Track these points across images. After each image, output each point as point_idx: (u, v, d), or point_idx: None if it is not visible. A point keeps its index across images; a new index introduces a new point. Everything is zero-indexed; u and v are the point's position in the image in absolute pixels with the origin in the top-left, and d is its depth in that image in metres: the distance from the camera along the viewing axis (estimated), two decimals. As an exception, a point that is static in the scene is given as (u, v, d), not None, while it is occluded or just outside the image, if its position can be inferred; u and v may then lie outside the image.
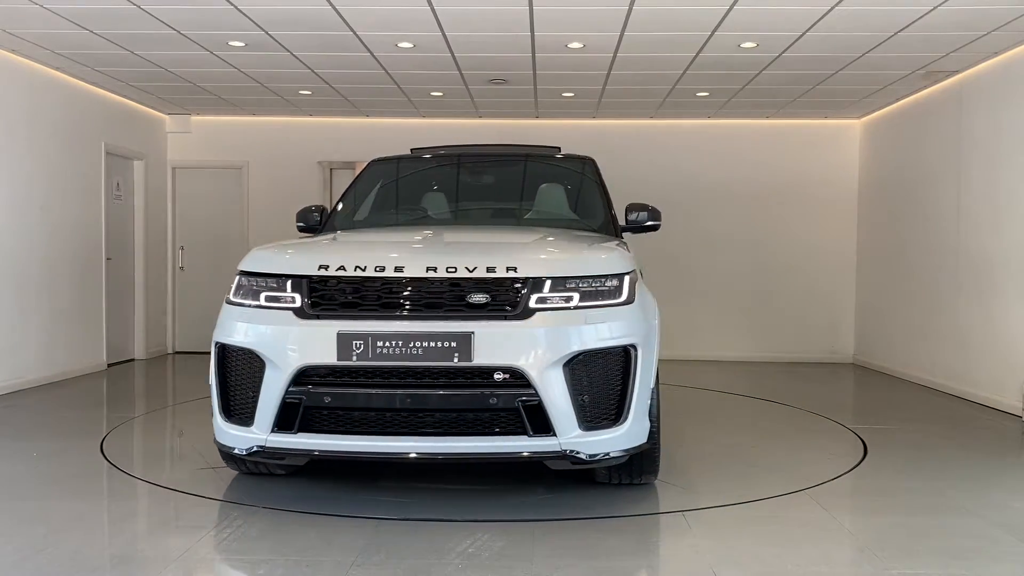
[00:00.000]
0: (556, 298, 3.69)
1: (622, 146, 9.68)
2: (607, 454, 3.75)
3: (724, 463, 5.00)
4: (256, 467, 4.34)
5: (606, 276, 3.81)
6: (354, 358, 3.60)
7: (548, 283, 3.70)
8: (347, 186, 5.86)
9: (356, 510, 3.91)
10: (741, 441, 5.66)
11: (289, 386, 3.65)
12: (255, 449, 3.78)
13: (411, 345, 3.60)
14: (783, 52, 6.82)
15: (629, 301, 3.81)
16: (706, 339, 9.97)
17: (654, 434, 3.99)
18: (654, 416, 3.97)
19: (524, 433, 3.62)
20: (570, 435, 3.64)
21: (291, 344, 3.66)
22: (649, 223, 4.95)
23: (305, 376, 3.66)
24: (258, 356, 3.73)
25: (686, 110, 9.36)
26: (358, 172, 9.91)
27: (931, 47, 6.65)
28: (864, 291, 9.79)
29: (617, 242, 4.44)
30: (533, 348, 3.59)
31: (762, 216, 10.02)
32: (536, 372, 3.58)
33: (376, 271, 3.71)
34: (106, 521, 3.90)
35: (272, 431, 3.71)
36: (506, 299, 3.68)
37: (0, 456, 5.01)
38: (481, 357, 3.58)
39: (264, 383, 3.70)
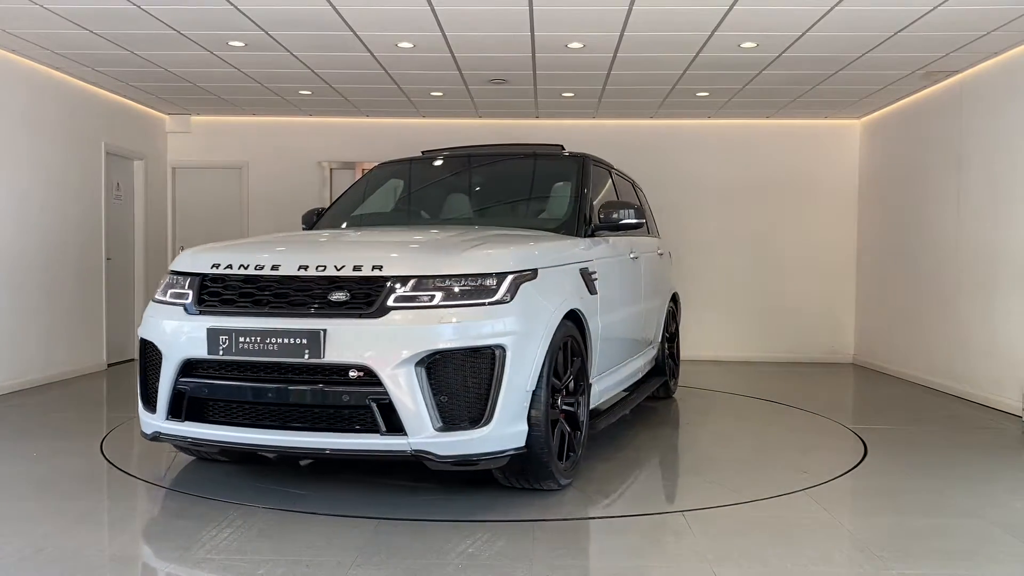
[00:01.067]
0: (417, 297, 3.67)
1: (622, 146, 9.67)
2: (465, 456, 3.67)
3: (724, 463, 5.00)
4: (197, 452, 4.60)
5: (479, 275, 3.75)
6: (220, 352, 3.78)
7: (412, 282, 3.69)
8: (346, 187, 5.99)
9: (356, 510, 3.91)
10: (741, 441, 5.66)
11: (177, 377, 3.90)
12: (154, 434, 4.07)
13: (267, 341, 3.69)
14: (783, 52, 6.82)
15: (503, 301, 3.74)
16: (706, 339, 9.97)
17: (538, 438, 3.87)
18: (540, 420, 3.87)
19: (378, 431, 3.63)
20: (422, 435, 3.61)
21: (177, 338, 3.90)
22: (625, 222, 4.92)
23: (190, 368, 3.89)
24: (157, 348, 4.00)
25: (686, 110, 9.36)
26: (357, 172, 10.06)
27: (931, 47, 6.65)
28: (864, 291, 9.79)
29: (541, 240, 4.35)
30: (383, 346, 3.59)
31: (762, 216, 10.02)
32: (385, 370, 3.57)
33: (255, 270, 3.87)
34: (106, 521, 3.90)
35: (166, 419, 3.97)
36: (365, 297, 3.70)
37: (0, 456, 5.01)
38: (332, 354, 3.62)
39: (160, 374, 3.96)
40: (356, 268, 3.73)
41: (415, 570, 3.19)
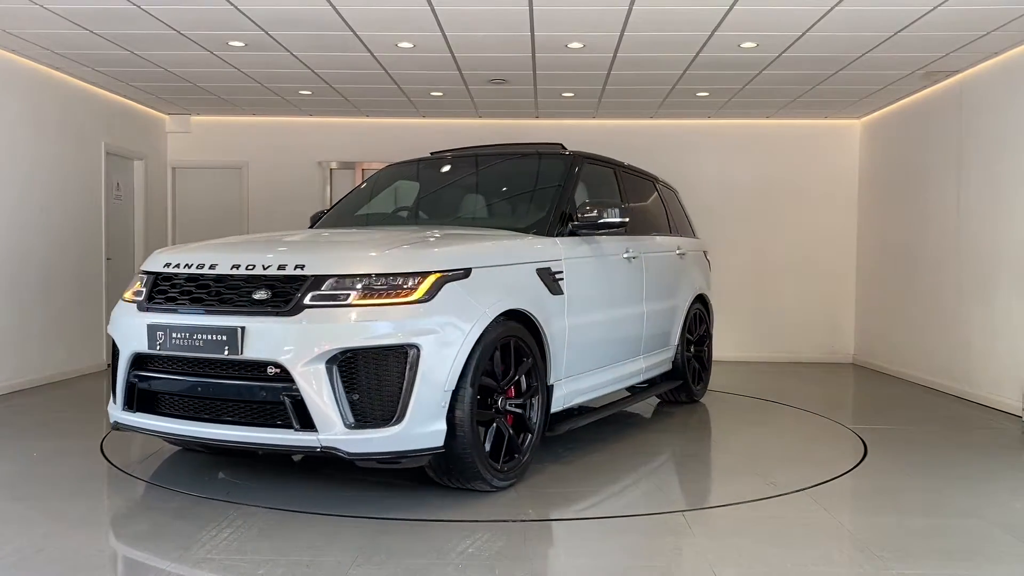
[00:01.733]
0: (334, 295, 3.72)
1: (622, 146, 9.65)
2: (376, 454, 3.71)
3: (724, 463, 5.00)
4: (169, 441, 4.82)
5: (397, 275, 3.78)
6: (158, 347, 3.97)
7: (331, 281, 3.74)
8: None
9: (356, 510, 3.91)
10: (741, 441, 5.66)
11: (129, 370, 4.11)
12: (114, 423, 4.25)
13: (195, 337, 3.85)
14: (783, 52, 6.82)
15: (421, 300, 3.76)
16: (706, 339, 9.96)
17: (462, 438, 3.87)
18: (464, 420, 3.86)
19: (292, 427, 3.71)
20: (331, 432, 3.65)
21: (129, 333, 4.11)
22: (605, 221, 4.86)
23: (141, 362, 4.10)
24: (115, 343, 4.23)
25: (686, 110, 9.36)
26: (357, 172, 10.06)
27: (931, 47, 6.65)
28: (864, 291, 9.79)
29: (485, 240, 4.36)
30: (295, 344, 3.65)
31: (762, 216, 10.03)
32: (296, 368, 3.63)
33: (196, 269, 4.03)
34: (106, 521, 3.90)
35: (123, 409, 4.18)
36: (284, 296, 3.77)
37: (0, 456, 5.01)
38: (250, 351, 3.73)
39: (118, 367, 4.19)
40: (281, 267, 3.82)
41: (415, 570, 3.19)
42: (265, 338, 3.70)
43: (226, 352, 3.75)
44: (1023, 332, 6.55)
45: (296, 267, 3.79)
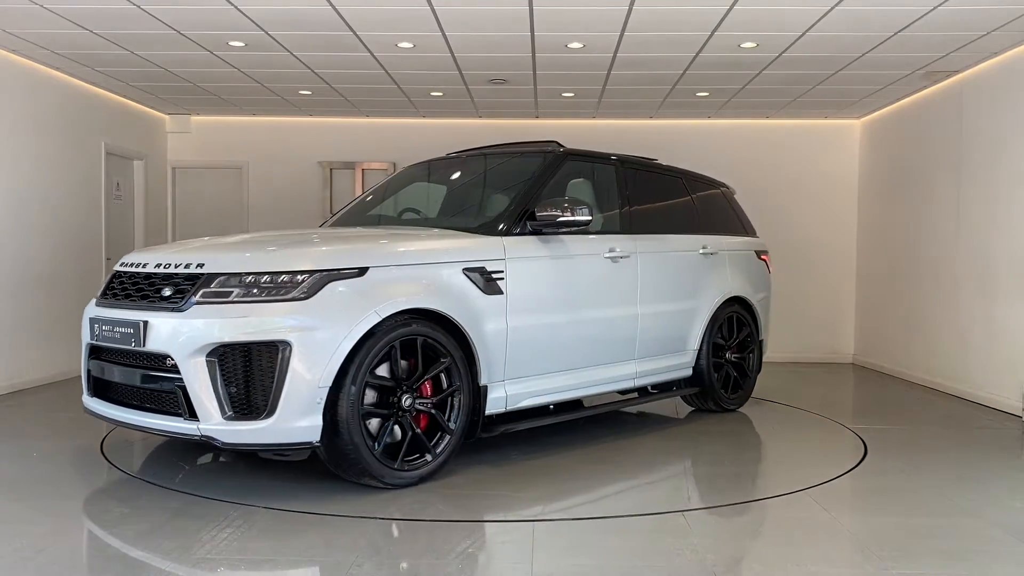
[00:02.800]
0: (220, 292, 3.94)
1: (622, 146, 9.64)
2: (250, 445, 3.92)
3: (724, 463, 5.00)
4: None
5: (280, 273, 3.95)
6: (95, 338, 4.39)
7: (220, 279, 3.97)
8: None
9: (356, 510, 3.91)
10: (740, 441, 5.66)
11: (87, 358, 4.53)
12: (84, 406, 4.59)
13: (114, 330, 4.22)
14: (783, 52, 6.82)
15: (299, 298, 3.89)
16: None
17: (344, 435, 3.95)
18: (346, 417, 3.93)
19: (181, 415, 3.98)
20: (211, 422, 3.87)
21: (85, 325, 4.53)
22: (565, 220, 4.77)
23: (93, 351, 4.50)
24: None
25: (686, 110, 9.36)
26: (357, 172, 10.07)
27: (931, 47, 6.65)
28: (864, 291, 9.80)
29: (398, 240, 4.43)
30: (183, 338, 3.91)
31: (762, 216, 9.99)
32: (181, 360, 3.89)
33: (133, 267, 4.37)
34: (106, 521, 3.90)
35: (87, 395, 4.58)
36: (182, 293, 4.04)
37: (0, 456, 5.01)
38: (151, 344, 4.03)
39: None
40: (186, 266, 4.09)
41: (415, 570, 3.19)
42: (161, 332, 3.98)
43: (133, 344, 4.11)
44: (1023, 332, 6.55)
45: (197, 266, 4.06)
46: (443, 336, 4.31)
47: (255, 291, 3.91)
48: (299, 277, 3.94)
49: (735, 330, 6.46)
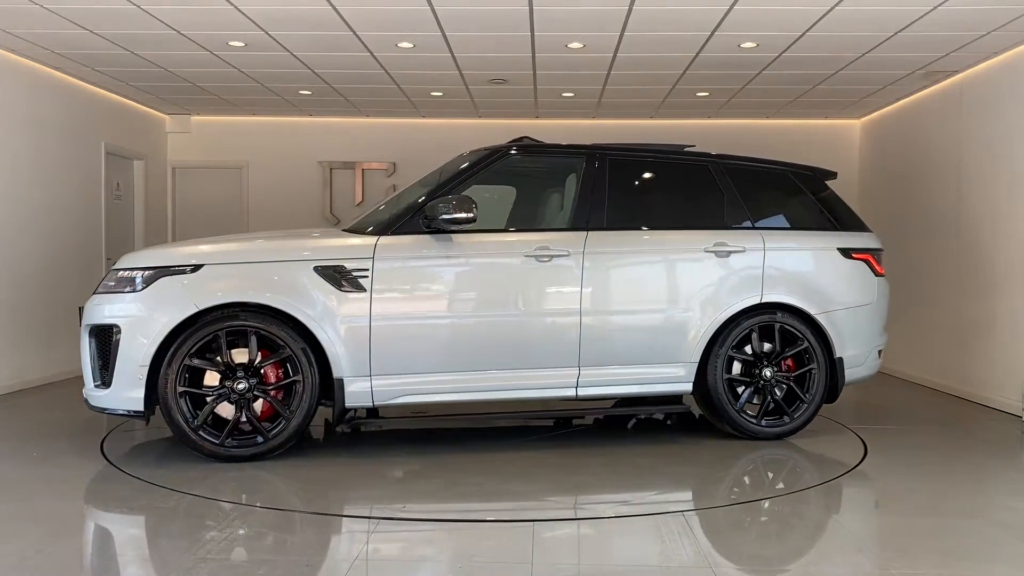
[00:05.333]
0: (111, 284, 4.80)
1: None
2: (102, 409, 4.77)
3: (724, 463, 5.00)
4: None
5: (128, 269, 4.77)
6: None
7: (115, 273, 4.83)
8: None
9: (356, 510, 3.91)
10: (740, 440, 5.65)
11: None
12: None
13: None
14: (783, 52, 6.82)
15: (134, 291, 4.68)
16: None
17: (166, 410, 4.60)
18: (167, 394, 4.59)
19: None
20: (88, 388, 4.81)
21: None
22: (450, 217, 4.80)
23: None
24: None
25: (686, 110, 9.36)
26: (357, 172, 10.06)
27: (931, 47, 6.65)
28: (864, 291, 9.77)
29: (243, 240, 5.13)
30: (85, 319, 4.85)
31: (762, 216, 10.01)
32: (83, 335, 4.84)
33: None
34: (106, 521, 3.90)
35: None
36: (101, 284, 4.95)
37: (0, 456, 5.01)
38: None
39: None
40: (118, 263, 4.91)
41: (415, 570, 3.19)
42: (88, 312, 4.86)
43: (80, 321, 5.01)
44: (1023, 332, 6.55)
45: (117, 263, 4.92)
46: (279, 328, 4.67)
47: (116, 284, 4.75)
48: (137, 274, 4.70)
49: (780, 345, 5.40)
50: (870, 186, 9.65)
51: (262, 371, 4.71)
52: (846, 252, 5.59)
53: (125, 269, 4.77)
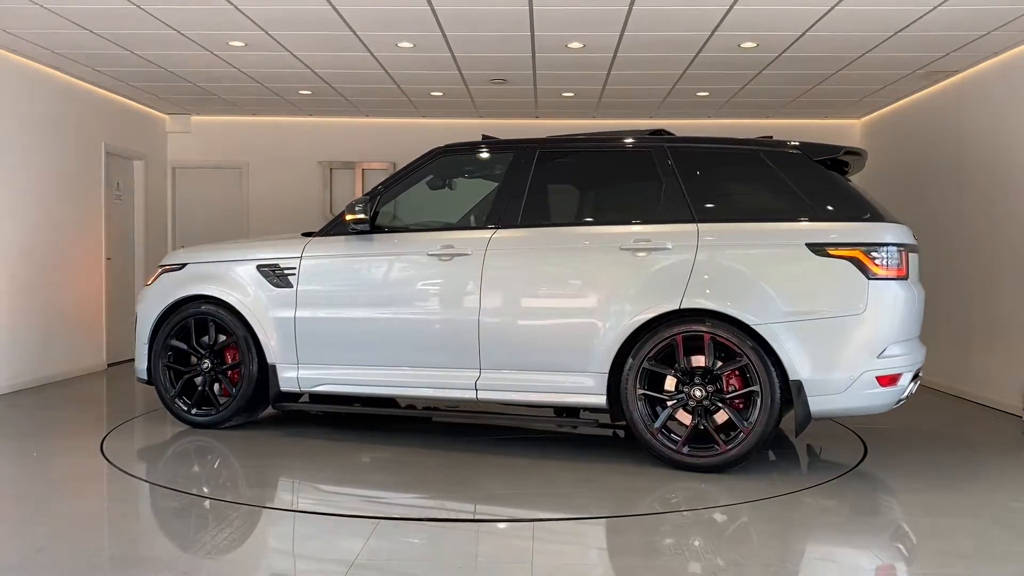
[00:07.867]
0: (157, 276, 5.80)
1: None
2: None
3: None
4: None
5: (159, 266, 5.86)
6: None
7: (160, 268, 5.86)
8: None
9: (356, 510, 3.92)
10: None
11: None
12: None
13: None
14: (783, 52, 6.82)
15: (149, 284, 5.83)
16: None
17: (155, 381, 5.59)
18: (154, 367, 5.60)
19: None
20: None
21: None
22: (349, 218, 5.16)
23: None
24: None
25: (686, 110, 9.36)
26: (357, 172, 10.06)
27: (931, 47, 6.65)
28: (864, 291, 9.77)
29: (218, 243, 5.98)
30: None
31: (762, 216, 10.01)
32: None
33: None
34: (106, 521, 3.90)
35: None
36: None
37: (0, 456, 5.01)
38: None
39: None
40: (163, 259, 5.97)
41: (415, 570, 3.19)
42: None
43: None
44: (1023, 332, 6.55)
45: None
46: (229, 318, 5.43)
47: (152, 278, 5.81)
48: (157, 269, 5.78)
49: (712, 359, 4.52)
50: (870, 186, 9.63)
51: (220, 353, 5.54)
52: (818, 248, 4.49)
53: (158, 266, 5.87)
